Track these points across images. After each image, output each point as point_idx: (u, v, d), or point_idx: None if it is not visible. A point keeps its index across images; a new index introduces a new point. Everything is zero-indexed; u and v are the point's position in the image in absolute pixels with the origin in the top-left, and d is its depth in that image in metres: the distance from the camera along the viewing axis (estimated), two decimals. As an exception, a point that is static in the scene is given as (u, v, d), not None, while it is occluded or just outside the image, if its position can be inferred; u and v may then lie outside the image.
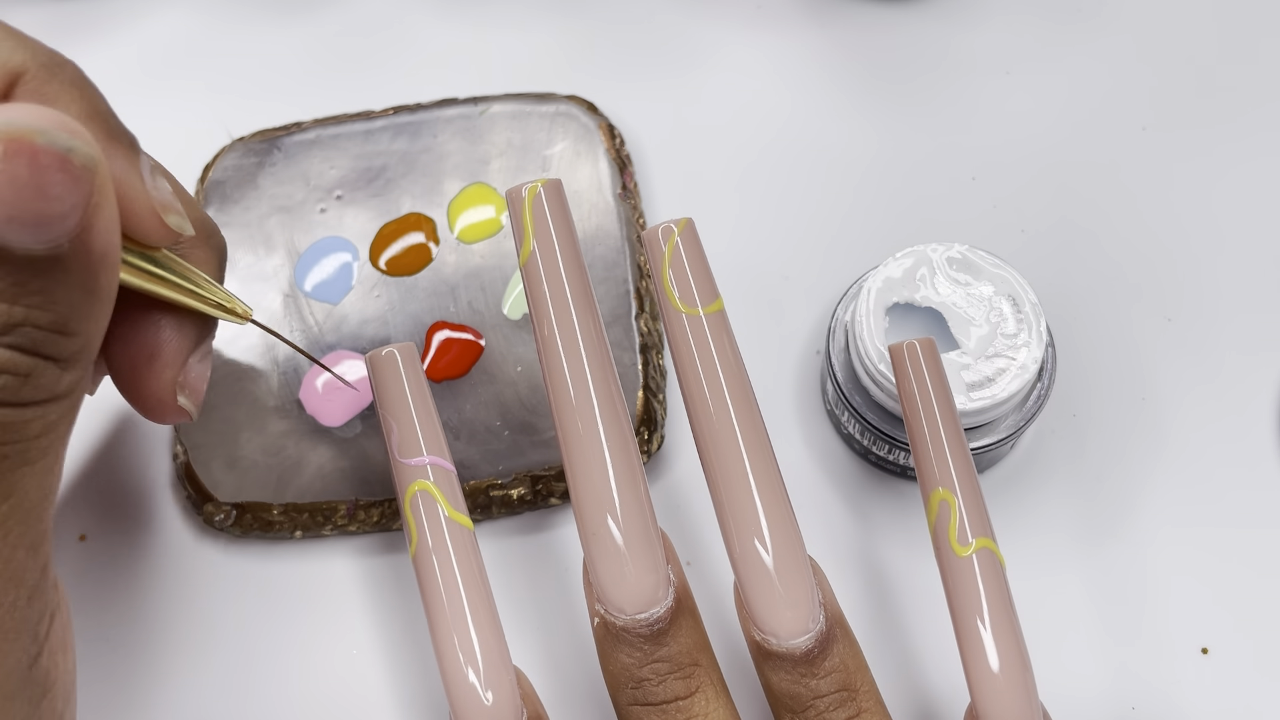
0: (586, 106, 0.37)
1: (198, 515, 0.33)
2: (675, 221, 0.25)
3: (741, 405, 0.24)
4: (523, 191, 0.25)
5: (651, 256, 0.26)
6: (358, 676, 0.31)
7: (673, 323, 0.25)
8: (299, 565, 0.33)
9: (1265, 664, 0.30)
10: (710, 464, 0.24)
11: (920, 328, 0.31)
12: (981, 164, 0.37)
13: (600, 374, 0.24)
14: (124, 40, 0.42)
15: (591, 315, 0.25)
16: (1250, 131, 0.37)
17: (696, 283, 0.25)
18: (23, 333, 0.19)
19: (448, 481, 0.25)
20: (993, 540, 0.24)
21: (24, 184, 0.18)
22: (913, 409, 0.25)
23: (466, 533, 0.25)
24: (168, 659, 0.32)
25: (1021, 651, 0.24)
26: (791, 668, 0.24)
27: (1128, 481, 0.32)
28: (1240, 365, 0.34)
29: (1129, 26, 0.40)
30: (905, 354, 0.25)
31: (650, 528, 0.24)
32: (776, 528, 0.24)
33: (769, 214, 0.37)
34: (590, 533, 0.24)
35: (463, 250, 0.35)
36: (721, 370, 0.24)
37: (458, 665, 0.24)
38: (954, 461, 0.25)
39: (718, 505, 0.24)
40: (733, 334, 0.25)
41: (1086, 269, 0.35)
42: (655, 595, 0.24)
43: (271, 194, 0.36)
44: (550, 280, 0.25)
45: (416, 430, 0.25)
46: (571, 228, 0.25)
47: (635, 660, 0.24)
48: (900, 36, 0.40)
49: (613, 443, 0.24)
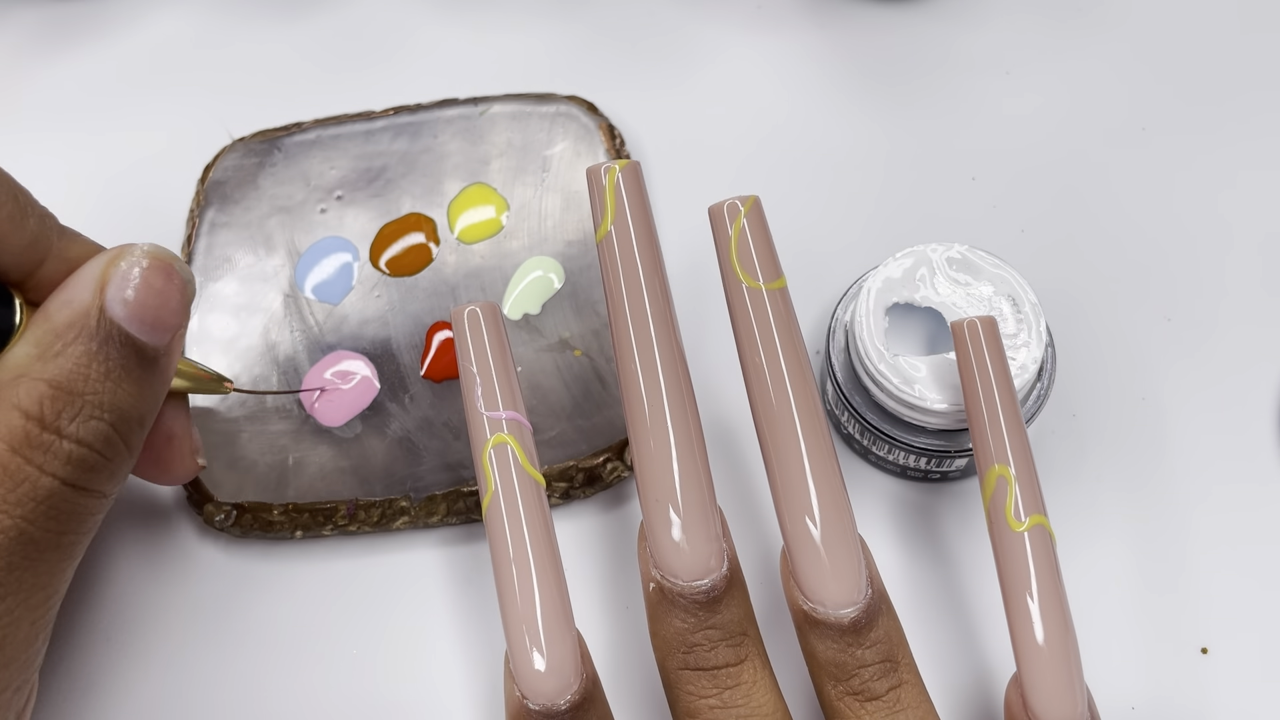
0: (586, 106, 0.37)
1: (198, 515, 0.33)
2: (742, 199, 0.26)
3: (799, 380, 0.25)
4: (603, 171, 0.26)
5: (717, 232, 0.26)
6: (358, 676, 0.31)
7: (734, 295, 0.26)
8: (299, 565, 0.33)
9: (1265, 664, 0.30)
10: (766, 436, 0.25)
11: (920, 328, 0.31)
12: (981, 164, 0.37)
13: (667, 352, 0.25)
14: (124, 40, 0.42)
15: (663, 295, 0.25)
16: (1250, 131, 0.37)
17: (760, 259, 0.26)
18: (119, 415, 0.23)
19: (524, 437, 0.26)
20: (1046, 517, 0.25)
21: (157, 292, 0.23)
22: (972, 386, 0.26)
23: (540, 488, 0.25)
24: (168, 659, 0.32)
25: (1068, 626, 0.24)
26: (838, 636, 0.24)
27: (1127, 481, 0.32)
28: (1240, 365, 0.34)
29: (1129, 26, 0.40)
30: (966, 331, 0.26)
31: (710, 499, 0.25)
32: (828, 499, 0.24)
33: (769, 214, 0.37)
34: (653, 501, 0.24)
35: (463, 250, 0.35)
36: (780, 345, 0.25)
37: (519, 617, 0.24)
38: (1011, 439, 0.25)
39: (771, 476, 0.25)
40: (794, 313, 0.26)
41: (1086, 269, 0.35)
42: (711, 564, 0.24)
43: (272, 194, 0.36)
44: (625, 260, 0.25)
45: (496, 385, 0.26)
46: (649, 211, 0.26)
47: (689, 626, 0.24)
48: (900, 36, 0.40)
49: (676, 418, 0.25)
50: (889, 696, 0.24)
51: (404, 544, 0.33)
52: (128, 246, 0.24)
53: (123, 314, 0.23)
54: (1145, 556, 0.31)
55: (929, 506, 0.32)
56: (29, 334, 0.23)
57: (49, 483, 0.22)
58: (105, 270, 0.23)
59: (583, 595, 0.32)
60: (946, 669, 0.30)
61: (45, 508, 0.22)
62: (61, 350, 0.22)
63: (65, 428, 0.22)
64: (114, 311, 0.23)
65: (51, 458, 0.22)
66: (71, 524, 0.22)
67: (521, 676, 0.24)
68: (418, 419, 0.33)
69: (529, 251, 0.35)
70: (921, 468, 0.31)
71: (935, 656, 0.30)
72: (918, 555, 0.32)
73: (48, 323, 0.23)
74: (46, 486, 0.22)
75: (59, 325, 0.23)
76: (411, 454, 0.32)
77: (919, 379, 0.29)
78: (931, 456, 0.30)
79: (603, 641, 0.31)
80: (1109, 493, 0.32)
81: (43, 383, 0.22)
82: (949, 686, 0.30)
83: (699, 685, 0.24)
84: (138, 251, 0.23)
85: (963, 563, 0.32)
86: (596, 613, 0.31)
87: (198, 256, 0.36)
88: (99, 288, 0.23)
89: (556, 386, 0.33)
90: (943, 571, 0.31)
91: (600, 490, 0.33)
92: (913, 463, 0.31)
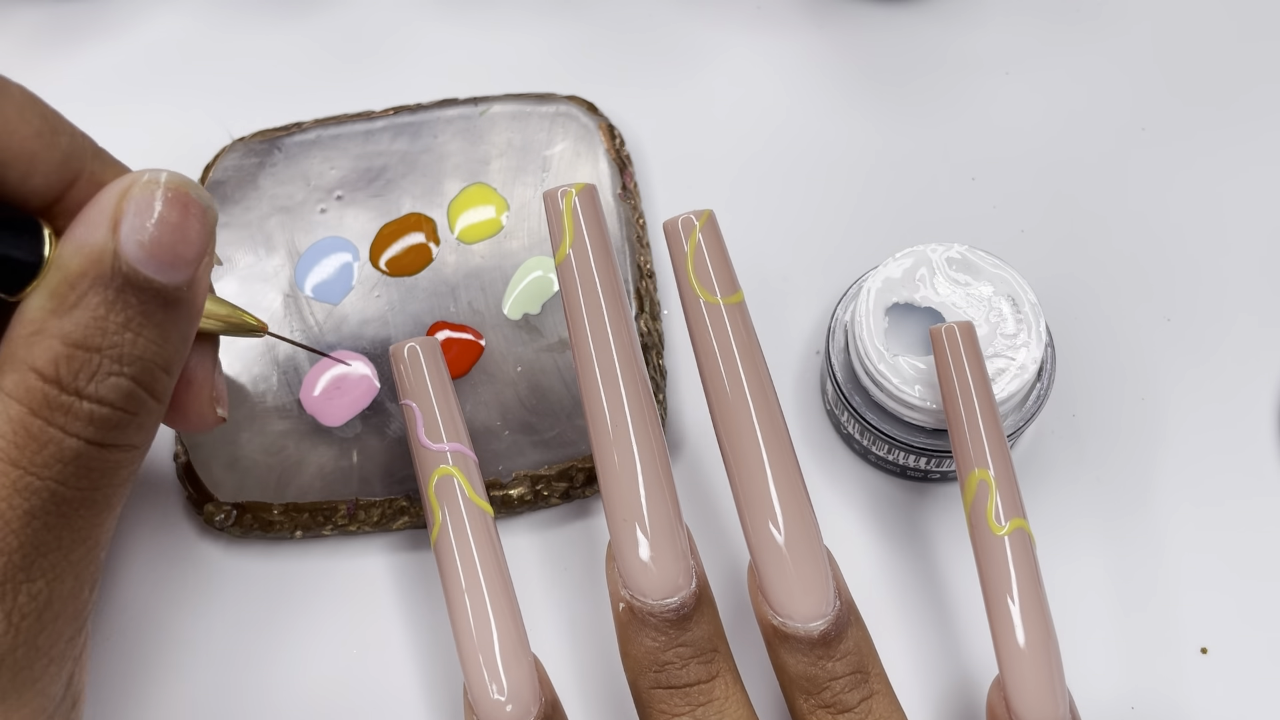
0: (586, 107, 0.37)
1: (198, 515, 0.33)
2: (697, 214, 0.26)
3: (759, 393, 0.25)
4: (559, 195, 0.26)
5: (673, 247, 0.26)
6: (358, 676, 0.31)
7: (692, 311, 0.26)
8: (299, 565, 0.33)
9: (1265, 664, 0.30)
10: (728, 450, 0.25)
11: (920, 328, 0.31)
12: (981, 164, 0.37)
13: (629, 372, 0.25)
14: (124, 40, 0.42)
15: (622, 315, 0.26)
16: (1250, 131, 0.37)
17: (716, 274, 0.26)
18: (142, 366, 0.22)
19: (469, 468, 0.26)
20: (1026, 520, 0.25)
21: (173, 227, 0.21)
22: (951, 391, 0.26)
23: (488, 518, 0.26)
24: (168, 659, 0.32)
25: (1049, 629, 0.25)
26: (808, 650, 0.24)
27: (1127, 481, 0.32)
28: (1240, 364, 0.34)
29: (1129, 27, 0.40)
30: (944, 337, 0.26)
31: (676, 517, 0.25)
32: (793, 513, 0.24)
33: (769, 214, 0.37)
34: (620, 521, 0.24)
35: (463, 250, 0.35)
36: (740, 359, 0.25)
37: (475, 647, 0.24)
38: (990, 444, 0.25)
39: (735, 491, 0.25)
40: (752, 326, 0.26)
41: (1086, 269, 0.35)
42: (680, 582, 0.24)
43: (272, 194, 0.36)
44: (584, 282, 0.26)
45: (439, 417, 0.26)
46: (605, 232, 0.26)
47: (660, 644, 0.24)
48: (900, 37, 0.40)
49: (640, 438, 0.25)
50: (861, 708, 0.24)
51: (404, 544, 0.33)
52: (140, 176, 0.22)
53: (139, 255, 0.21)
54: (1145, 556, 0.31)
55: (929, 507, 0.32)
56: (45, 282, 0.21)
57: (74, 444, 0.21)
58: (118, 206, 0.21)
59: (582, 595, 0.32)
60: (943, 669, 0.30)
61: (74, 468, 0.21)
62: (76, 302, 0.21)
63: (84, 388, 0.21)
64: (129, 253, 0.21)
65: (73, 419, 0.21)
66: (104, 479, 0.22)
67: (480, 707, 0.24)
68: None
69: (529, 251, 0.35)
70: (921, 468, 0.31)
71: (932, 656, 0.30)
72: (917, 555, 0.32)
73: (62, 270, 0.21)
74: (72, 448, 0.21)
75: (72, 273, 0.21)
76: (411, 454, 0.32)
77: (919, 379, 0.29)
78: (931, 456, 0.30)
79: (603, 641, 0.31)
80: (1109, 492, 0.32)
81: (58, 341, 0.21)
82: (943, 686, 0.30)
83: (671, 703, 0.24)
84: (151, 183, 0.21)
85: (963, 562, 0.32)
86: (597, 613, 0.31)
87: (198, 256, 0.36)
88: (112, 226, 0.21)
89: (556, 386, 0.33)
90: (943, 571, 0.31)
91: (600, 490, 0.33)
92: (913, 463, 0.31)
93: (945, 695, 0.30)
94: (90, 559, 0.22)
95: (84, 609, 0.23)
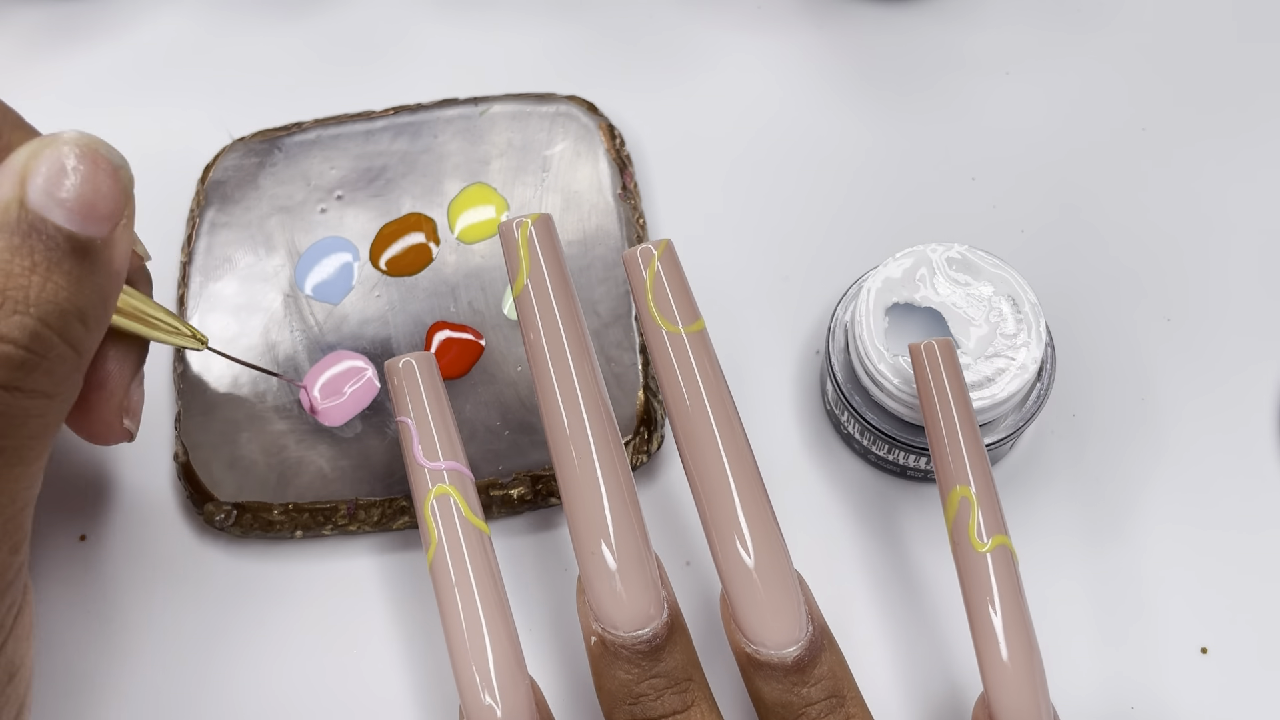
0: (586, 106, 0.37)
1: (198, 515, 0.33)
2: (655, 244, 0.26)
3: (724, 422, 0.25)
4: (515, 227, 0.26)
5: (632, 278, 0.26)
6: (358, 676, 0.31)
7: (654, 341, 0.26)
8: (299, 565, 0.33)
9: (1265, 664, 0.30)
10: (695, 479, 0.25)
11: (920, 328, 0.31)
12: (981, 164, 0.37)
13: (592, 402, 0.25)
14: (125, 41, 0.42)
15: (583, 345, 0.25)
16: (1250, 131, 0.37)
17: (676, 303, 0.26)
18: (51, 308, 0.21)
19: (467, 487, 0.26)
20: (1008, 537, 0.25)
21: (82, 177, 0.21)
22: (931, 408, 0.26)
23: (485, 538, 0.25)
24: (168, 659, 0.32)
25: (1032, 644, 0.24)
26: (782, 677, 0.24)
27: (1127, 481, 0.32)
28: (1240, 364, 0.34)
29: (1129, 27, 0.40)
30: (924, 354, 0.26)
31: (645, 547, 0.24)
32: (762, 540, 0.24)
33: (769, 214, 0.37)
34: (588, 553, 0.24)
35: (463, 250, 0.35)
36: (704, 388, 0.25)
37: (472, 670, 0.24)
38: (971, 460, 0.25)
39: (704, 519, 0.25)
40: (714, 353, 0.26)
41: (1086, 269, 0.35)
42: (651, 612, 0.24)
43: (272, 194, 0.37)
44: (543, 313, 0.25)
45: (435, 435, 0.26)
46: (562, 261, 0.26)
47: (633, 676, 0.24)
48: (900, 37, 0.40)
49: (605, 468, 0.24)
50: None
51: (404, 544, 0.33)
52: (52, 136, 0.22)
53: (44, 203, 0.21)
54: (1144, 556, 0.31)
55: (929, 507, 0.32)
56: None
57: None
58: (27, 162, 0.21)
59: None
60: (943, 670, 0.30)
61: None
62: None
63: None
64: (36, 201, 0.21)
65: None
66: (12, 427, 0.21)
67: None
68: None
69: (529, 251, 0.35)
70: (922, 468, 0.31)
71: (930, 657, 0.30)
72: (917, 555, 0.32)
73: None
74: None
75: None
76: (411, 454, 0.32)
77: (919, 379, 0.29)
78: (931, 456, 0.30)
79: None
80: (1108, 492, 0.32)
81: None
82: (941, 687, 0.30)
83: None
84: (61, 140, 0.22)
85: (963, 563, 0.32)
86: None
87: (198, 256, 0.36)
88: (20, 180, 0.21)
89: (556, 386, 0.33)
90: (942, 571, 0.31)
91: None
92: (913, 463, 0.31)
93: (942, 697, 0.30)
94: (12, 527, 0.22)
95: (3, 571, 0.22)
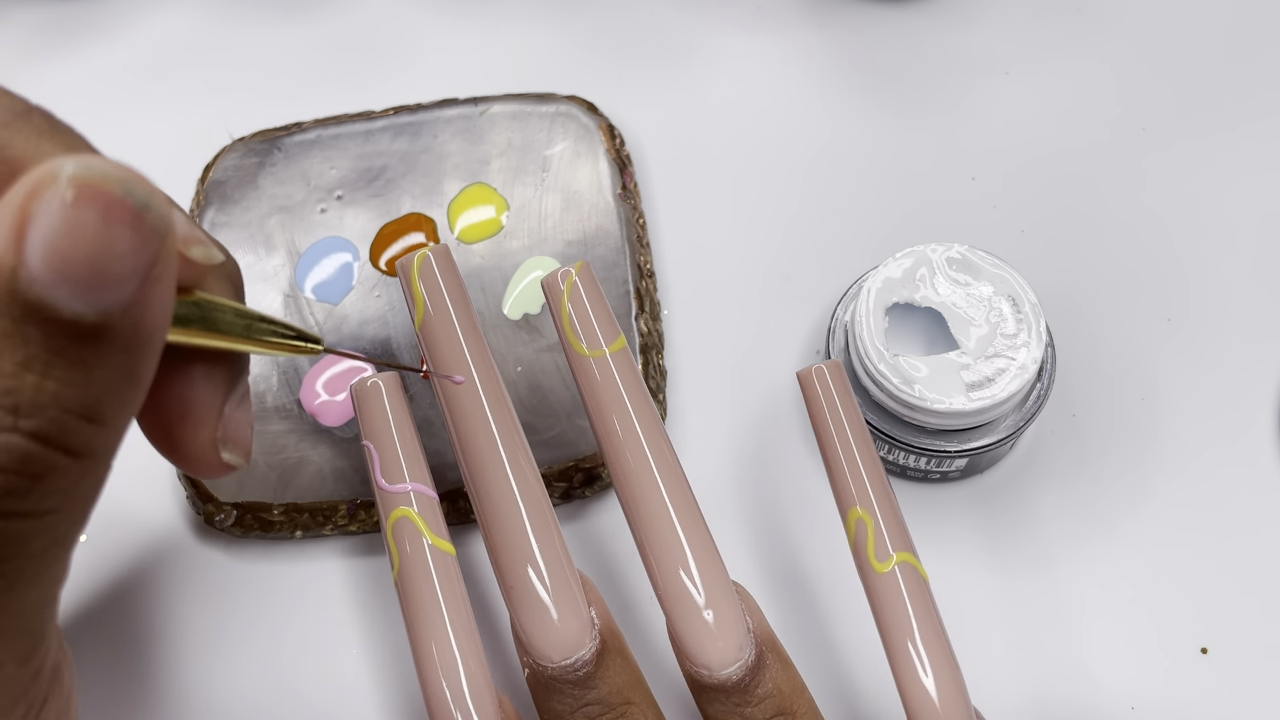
0: (586, 106, 0.37)
1: (198, 515, 0.33)
2: (572, 266, 0.26)
3: (655, 444, 0.25)
4: (412, 259, 0.26)
5: (551, 303, 0.26)
6: (358, 676, 0.31)
7: (577, 365, 0.26)
8: (299, 565, 0.33)
9: (1265, 664, 0.30)
10: (629, 504, 0.25)
11: (920, 328, 0.31)
12: (981, 164, 0.37)
13: (505, 431, 0.25)
14: (124, 40, 0.42)
15: (491, 372, 0.25)
16: (1250, 131, 0.37)
17: (599, 323, 0.26)
18: (49, 417, 0.16)
19: (430, 508, 0.25)
20: (913, 554, 0.25)
21: (89, 236, 0.15)
22: (824, 431, 0.26)
23: (449, 559, 0.25)
24: (168, 659, 0.32)
25: (950, 662, 0.24)
26: (726, 698, 0.24)
27: (1127, 481, 0.32)
28: (1240, 364, 0.34)
29: (1129, 27, 0.40)
30: (814, 378, 0.26)
31: (568, 574, 0.24)
32: (700, 561, 0.24)
33: (769, 214, 0.37)
34: (509, 586, 0.24)
35: (463, 250, 0.35)
36: (631, 406, 0.25)
37: (441, 691, 0.24)
38: (869, 480, 0.25)
39: (640, 544, 0.25)
40: (638, 370, 0.26)
41: (1086, 269, 0.35)
42: (579, 640, 0.24)
43: (272, 194, 0.36)
44: (447, 340, 0.25)
45: (400, 457, 0.26)
46: (462, 288, 0.26)
47: (567, 706, 0.24)
48: (900, 37, 0.40)
49: (524, 495, 0.24)
50: None
51: (404, 544, 0.33)
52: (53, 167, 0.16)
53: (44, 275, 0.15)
54: (1144, 556, 0.31)
55: (929, 507, 0.32)
56: None
57: None
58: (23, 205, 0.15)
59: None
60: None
61: None
62: None
63: None
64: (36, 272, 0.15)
65: None
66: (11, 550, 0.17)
67: None
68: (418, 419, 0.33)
69: (529, 251, 0.35)
70: (921, 468, 0.31)
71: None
72: (918, 555, 0.32)
73: None
74: None
75: None
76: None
77: (919, 379, 0.29)
78: (931, 456, 0.30)
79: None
80: (1109, 492, 0.32)
81: None
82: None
83: None
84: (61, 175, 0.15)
85: (962, 562, 0.32)
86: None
87: (198, 256, 0.36)
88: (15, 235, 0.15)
89: (556, 386, 0.33)
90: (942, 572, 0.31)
91: (600, 489, 0.33)
92: (913, 463, 0.31)
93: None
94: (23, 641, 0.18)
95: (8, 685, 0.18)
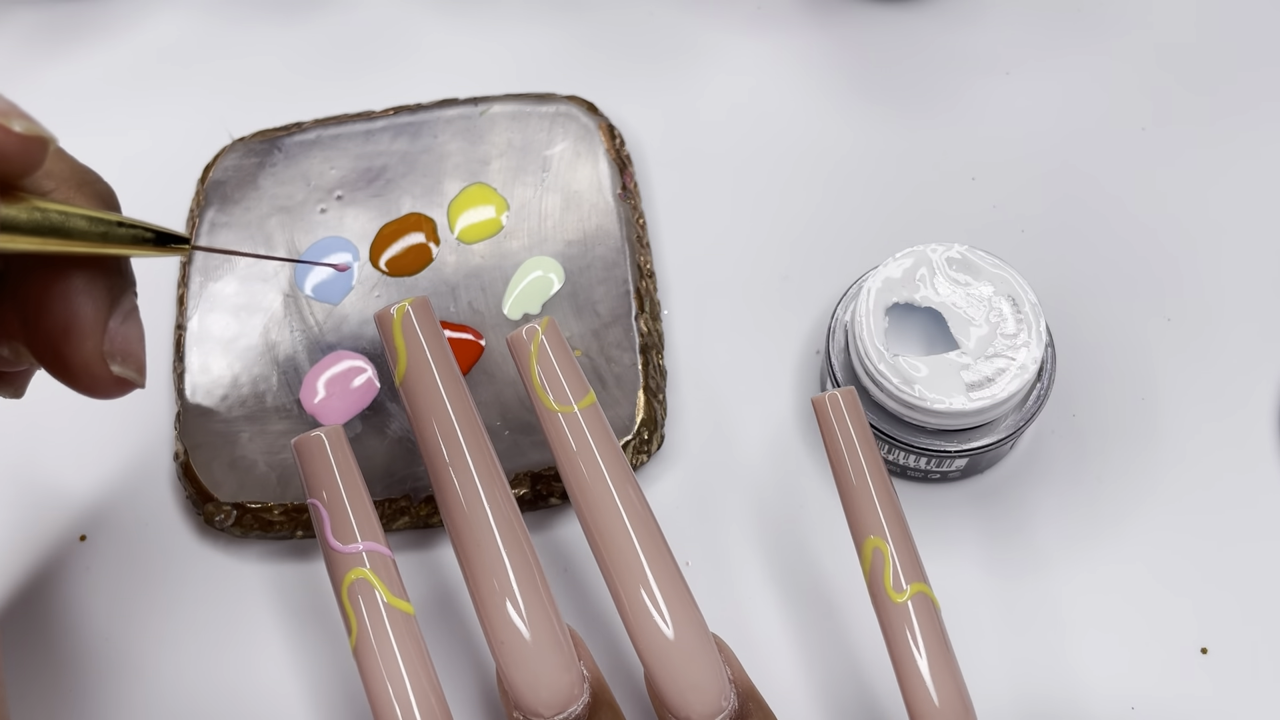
0: (586, 107, 0.37)
1: (198, 515, 0.33)
2: (538, 322, 0.26)
3: (625, 491, 0.25)
4: (391, 311, 0.25)
5: (517, 359, 0.26)
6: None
7: (547, 421, 0.25)
8: (299, 565, 0.33)
9: (1265, 664, 0.30)
10: (603, 556, 0.25)
11: (920, 328, 0.31)
12: (981, 164, 0.37)
13: (489, 485, 0.25)
14: (124, 40, 0.42)
15: (474, 426, 0.25)
16: (1250, 131, 0.37)
17: (566, 380, 0.25)
18: None
19: (385, 568, 0.24)
20: (926, 584, 0.25)
21: None
22: (839, 460, 0.25)
23: (408, 619, 0.24)
24: (168, 658, 0.32)
25: (962, 692, 0.24)
26: None
27: (1127, 481, 0.32)
28: (1240, 365, 0.34)
29: (1128, 27, 0.40)
30: (828, 406, 0.26)
31: (557, 629, 0.24)
32: (679, 615, 0.24)
33: (769, 214, 0.37)
34: (500, 641, 0.24)
35: (463, 250, 0.35)
36: (603, 461, 0.25)
37: None
38: (883, 510, 0.25)
39: (616, 597, 0.24)
40: (608, 425, 0.25)
41: (1086, 269, 0.35)
42: (571, 694, 0.24)
43: (272, 194, 0.37)
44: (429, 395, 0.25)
45: (350, 516, 0.25)
46: (443, 340, 0.26)
47: None
48: (900, 37, 0.40)
49: (511, 553, 0.24)
50: None
51: (404, 544, 0.33)
52: None
53: None
54: (1144, 556, 0.31)
55: (929, 507, 0.32)
56: None
57: None
58: None
59: (580, 598, 0.32)
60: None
61: None
62: None
63: None
64: None
65: None
66: None
67: None
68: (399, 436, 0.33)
69: (529, 251, 0.35)
70: (921, 468, 0.31)
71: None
72: (918, 555, 0.32)
73: None
74: None
75: None
76: (411, 454, 0.32)
77: (919, 379, 0.29)
78: (931, 456, 0.30)
79: (606, 641, 0.31)
80: (1109, 492, 0.32)
81: None
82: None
83: None
84: None
85: (962, 562, 0.32)
86: (593, 616, 0.31)
87: (197, 257, 0.36)
88: None
89: (556, 386, 0.33)
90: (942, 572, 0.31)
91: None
92: (913, 463, 0.31)
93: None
94: None
95: None
